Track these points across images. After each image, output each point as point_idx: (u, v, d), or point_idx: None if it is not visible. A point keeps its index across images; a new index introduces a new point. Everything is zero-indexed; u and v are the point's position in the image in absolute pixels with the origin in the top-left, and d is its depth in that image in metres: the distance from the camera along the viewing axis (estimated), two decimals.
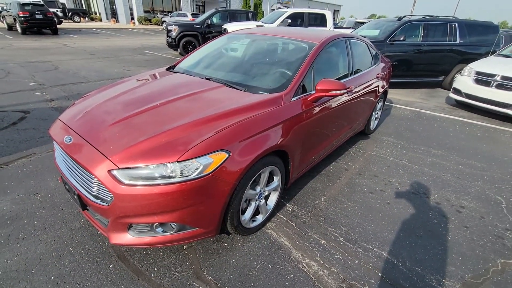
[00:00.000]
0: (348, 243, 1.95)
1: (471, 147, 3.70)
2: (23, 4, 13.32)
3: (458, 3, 20.94)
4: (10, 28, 15.11)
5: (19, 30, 13.83)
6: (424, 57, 6.37)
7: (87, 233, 1.90)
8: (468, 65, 5.42)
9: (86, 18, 27.60)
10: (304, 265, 1.76)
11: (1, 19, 17.25)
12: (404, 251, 1.90)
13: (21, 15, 13.17)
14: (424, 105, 5.66)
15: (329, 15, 9.91)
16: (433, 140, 3.88)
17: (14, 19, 13.89)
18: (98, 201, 1.48)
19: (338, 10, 47.35)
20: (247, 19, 11.09)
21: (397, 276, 1.71)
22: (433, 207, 2.41)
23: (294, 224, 2.11)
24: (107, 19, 28.78)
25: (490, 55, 6.12)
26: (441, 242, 2.01)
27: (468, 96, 5.10)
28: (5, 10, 15.67)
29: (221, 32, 9.06)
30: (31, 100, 4.46)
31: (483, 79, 4.92)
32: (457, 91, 5.34)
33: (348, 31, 7.50)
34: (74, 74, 6.37)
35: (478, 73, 5.02)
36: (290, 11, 9.41)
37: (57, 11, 20.83)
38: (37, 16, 13.51)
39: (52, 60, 7.81)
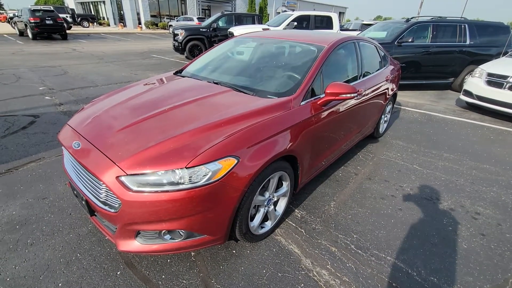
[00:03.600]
0: (360, 251, 1.89)
1: (484, 151, 3.59)
2: (34, 11, 13.65)
3: (466, 4, 20.63)
4: (22, 33, 15.47)
5: (30, 35, 14.14)
6: (433, 58, 6.26)
7: (95, 238, 1.89)
8: (479, 66, 5.30)
9: (95, 23, 28.13)
10: (315, 273, 1.71)
11: (13, 25, 17.69)
12: (418, 260, 1.84)
13: (32, 21, 13.48)
14: (434, 107, 5.54)
15: (335, 17, 9.84)
16: (444, 143, 3.79)
17: (25, 25, 14.21)
18: (106, 208, 1.46)
19: (343, 12, 47.17)
20: (253, 22, 11.13)
21: (412, 286, 1.64)
22: (447, 213, 2.33)
23: (303, 231, 2.06)
24: (115, 24, 29.30)
25: (502, 56, 5.98)
26: (457, 251, 1.94)
27: (480, 98, 4.98)
28: (17, 16, 16.08)
29: (227, 35, 9.09)
30: (40, 104, 4.53)
31: (495, 81, 4.79)
32: (468, 93, 5.22)
33: (354, 33, 7.44)
34: (83, 78, 6.46)
35: (490, 74, 4.90)
36: (296, 14, 9.38)
37: (67, 16, 21.25)
38: (47, 22, 13.80)
39: (61, 64, 7.95)
